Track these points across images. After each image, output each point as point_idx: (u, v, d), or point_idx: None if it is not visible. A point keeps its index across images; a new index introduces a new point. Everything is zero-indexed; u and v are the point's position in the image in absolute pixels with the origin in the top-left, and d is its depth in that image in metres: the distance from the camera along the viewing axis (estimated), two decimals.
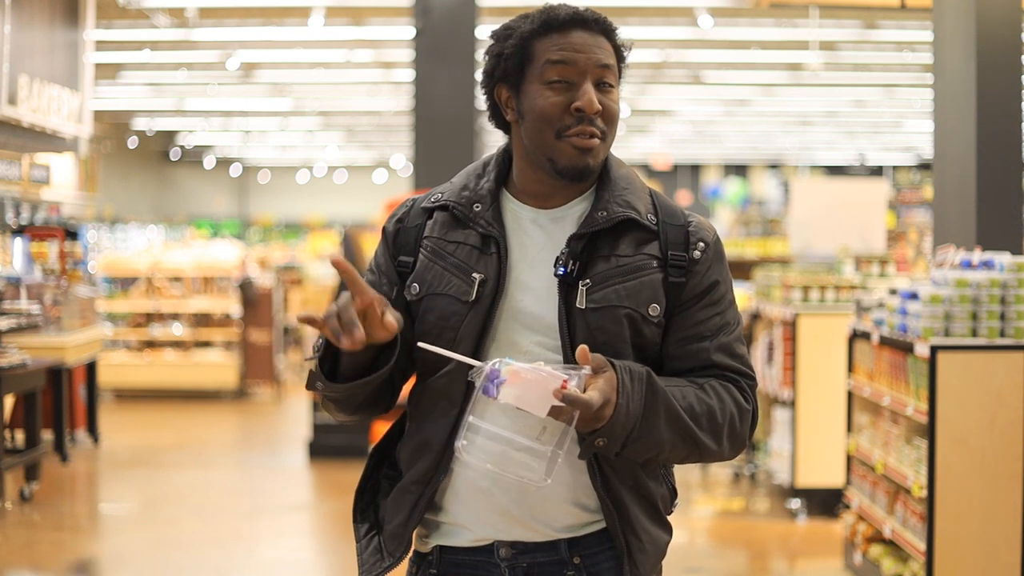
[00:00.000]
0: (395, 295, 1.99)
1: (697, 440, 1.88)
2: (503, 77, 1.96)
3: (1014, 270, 4.70)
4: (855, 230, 8.80)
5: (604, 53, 1.92)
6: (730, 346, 1.96)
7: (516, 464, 1.84)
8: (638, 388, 1.81)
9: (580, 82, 1.90)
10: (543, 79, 1.90)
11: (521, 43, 1.93)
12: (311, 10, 10.76)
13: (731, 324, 1.97)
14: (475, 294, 1.91)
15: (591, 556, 1.94)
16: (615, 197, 1.95)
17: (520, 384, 1.73)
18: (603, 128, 1.92)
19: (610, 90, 1.93)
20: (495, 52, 1.96)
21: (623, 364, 1.82)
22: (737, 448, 1.95)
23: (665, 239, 1.95)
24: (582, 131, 1.89)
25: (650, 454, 1.87)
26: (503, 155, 2.03)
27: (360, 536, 2.05)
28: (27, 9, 8.60)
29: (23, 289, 8.81)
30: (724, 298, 1.98)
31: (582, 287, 1.89)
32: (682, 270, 1.93)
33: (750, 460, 7.88)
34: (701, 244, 1.96)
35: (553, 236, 1.95)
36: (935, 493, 4.52)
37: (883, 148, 25.68)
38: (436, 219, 2.00)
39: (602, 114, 1.91)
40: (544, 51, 1.91)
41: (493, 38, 1.98)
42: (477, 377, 1.79)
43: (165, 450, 9.43)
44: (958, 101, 6.20)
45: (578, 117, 1.89)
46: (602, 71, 1.91)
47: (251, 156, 28.16)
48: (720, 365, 1.94)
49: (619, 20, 8.78)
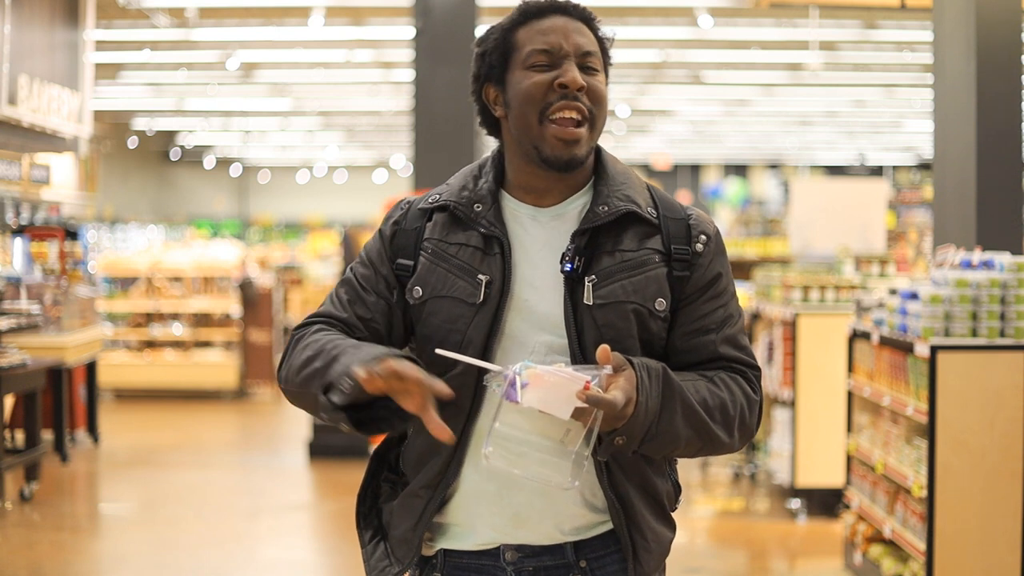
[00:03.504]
0: (395, 298, 1.98)
1: (711, 434, 1.88)
2: (488, 74, 1.96)
3: (1014, 270, 4.70)
4: (855, 230, 8.80)
5: (585, 39, 1.92)
6: (735, 338, 1.97)
7: (543, 468, 1.83)
8: (656, 385, 1.81)
9: (562, 62, 1.90)
10: (526, 64, 1.91)
11: (502, 35, 1.94)
12: (311, 10, 10.76)
13: (734, 316, 1.98)
14: (482, 296, 1.90)
15: (597, 559, 1.94)
16: (614, 192, 1.94)
17: (543, 387, 1.72)
18: (589, 106, 1.90)
19: (595, 73, 1.92)
20: (479, 53, 1.97)
21: (640, 361, 1.81)
22: (746, 438, 1.96)
23: (667, 233, 1.95)
24: (567, 106, 1.88)
25: (666, 450, 1.87)
26: (498, 156, 2.02)
27: (365, 542, 2.04)
28: (27, 9, 8.60)
29: (23, 289, 8.81)
30: (727, 290, 1.98)
31: (588, 283, 1.88)
32: (686, 264, 1.93)
33: (750, 460, 7.88)
34: (703, 237, 1.96)
35: (554, 233, 1.94)
36: (935, 493, 4.52)
37: (883, 148, 25.69)
38: (436, 220, 1.98)
39: (588, 92, 1.90)
40: (526, 39, 1.92)
41: (477, 43, 1.99)
42: (494, 382, 1.78)
43: (165, 450, 9.43)
44: (958, 101, 6.20)
45: (562, 93, 1.88)
46: (584, 57, 1.91)
47: (251, 156, 28.16)
48: (727, 357, 1.95)
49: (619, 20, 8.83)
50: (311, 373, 1.86)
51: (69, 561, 6.21)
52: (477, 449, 1.89)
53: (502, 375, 1.76)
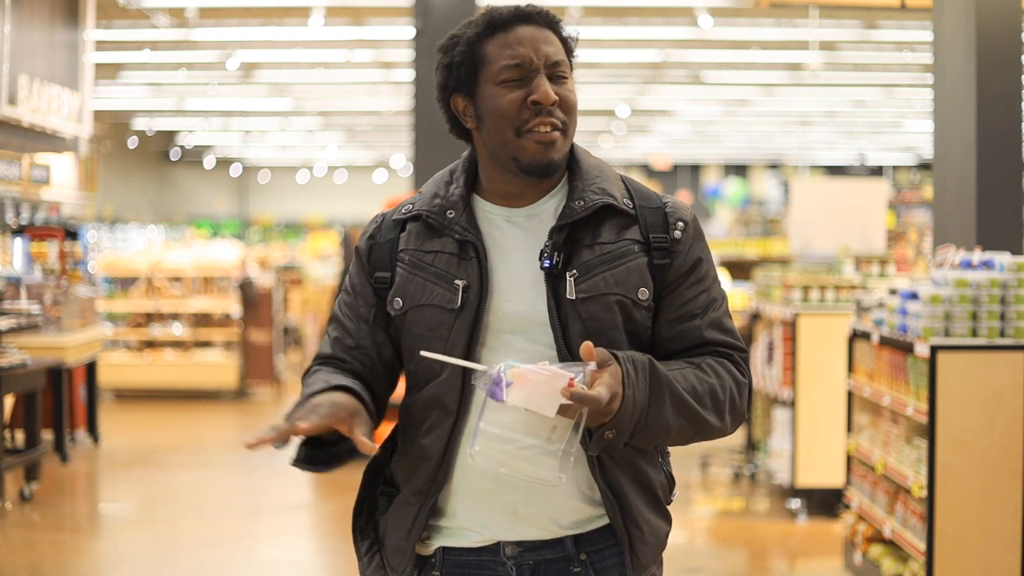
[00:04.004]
0: (373, 316, 2.00)
1: (702, 420, 1.89)
2: (457, 86, 1.95)
3: (1014, 270, 4.70)
4: (855, 230, 8.80)
5: (553, 48, 1.92)
6: (720, 321, 1.98)
7: (529, 466, 1.84)
8: (642, 377, 1.82)
9: (533, 76, 1.90)
10: (497, 79, 1.91)
11: (469, 48, 1.93)
12: (311, 10, 10.76)
13: (718, 299, 1.99)
14: (460, 301, 1.91)
15: (597, 552, 1.96)
16: (589, 186, 1.95)
17: (527, 386, 1.73)
18: (562, 118, 1.92)
19: (564, 81, 1.93)
20: (445, 63, 1.96)
21: (625, 355, 1.82)
22: (737, 422, 1.97)
23: (644, 223, 1.96)
24: (541, 123, 1.89)
25: (658, 440, 1.88)
26: (468, 161, 2.03)
27: (361, 554, 2.06)
28: (27, 9, 8.60)
29: (23, 289, 8.81)
30: (708, 275, 1.99)
31: (570, 278, 1.89)
32: (665, 251, 1.94)
33: (750, 460, 7.88)
34: (681, 224, 1.97)
35: (530, 232, 1.95)
36: (935, 493, 4.52)
37: (883, 148, 25.70)
38: (410, 230, 2.00)
39: (560, 104, 1.91)
40: (493, 53, 1.91)
41: (440, 51, 1.97)
42: (481, 382, 1.79)
43: (165, 450, 9.43)
44: (958, 101, 6.19)
45: (536, 110, 1.89)
46: (554, 67, 1.92)
47: (251, 156, 28.17)
48: (713, 341, 1.96)
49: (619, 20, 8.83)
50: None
51: (69, 561, 6.21)
52: (466, 449, 1.90)
53: (487, 375, 1.77)
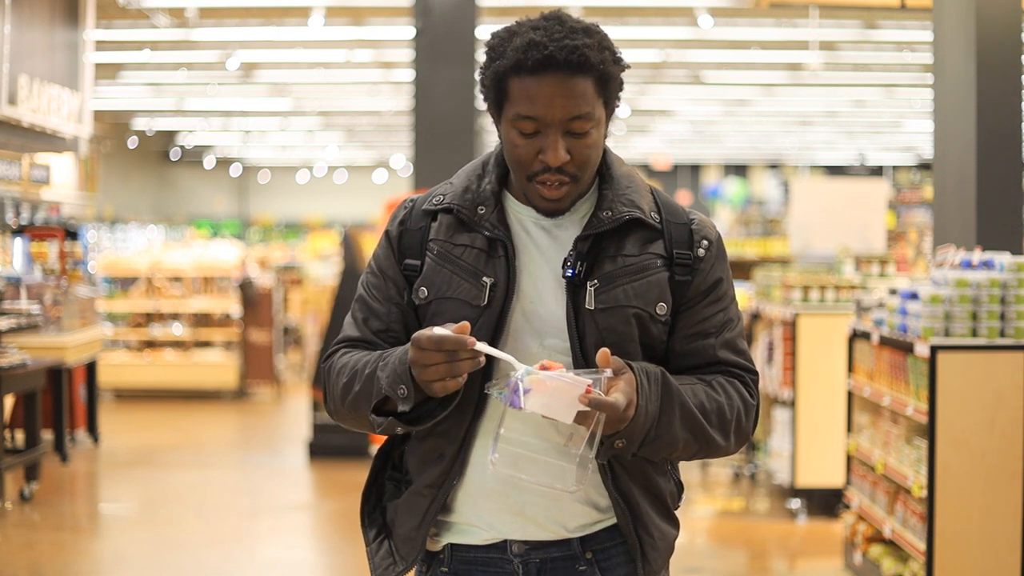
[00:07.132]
0: (406, 300, 2.00)
1: (708, 437, 1.91)
2: (486, 96, 1.95)
3: (1014, 270, 4.70)
4: (855, 230, 8.80)
5: (574, 101, 1.85)
6: (734, 342, 1.99)
7: (547, 473, 1.86)
8: (655, 389, 1.83)
9: (548, 131, 1.87)
10: (513, 123, 1.89)
11: (496, 78, 1.89)
12: (311, 10, 10.76)
13: (734, 320, 2.00)
14: (487, 298, 1.91)
15: (603, 552, 1.97)
16: (619, 196, 1.95)
17: (545, 393, 1.74)
18: (573, 172, 1.90)
19: (582, 136, 1.88)
20: (483, 66, 1.92)
21: (640, 365, 1.84)
22: (741, 442, 1.98)
23: (669, 238, 1.96)
24: (549, 179, 1.89)
25: (664, 453, 1.89)
26: (502, 155, 2.02)
27: (369, 540, 2.06)
28: (27, 9, 8.59)
29: (23, 289, 8.81)
30: (727, 295, 2.00)
31: (590, 288, 1.90)
32: (688, 268, 1.95)
33: (750, 460, 7.88)
34: (705, 242, 1.98)
35: (557, 238, 1.96)
36: (935, 493, 4.52)
37: (883, 148, 25.69)
38: (441, 221, 1.99)
39: (572, 160, 1.89)
40: (515, 94, 1.87)
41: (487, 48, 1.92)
42: (495, 390, 1.81)
43: (165, 450, 9.43)
44: (958, 101, 6.19)
45: (545, 166, 1.89)
46: (571, 122, 1.87)
47: (251, 156, 28.16)
48: (725, 361, 1.97)
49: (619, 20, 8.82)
50: (355, 398, 1.93)
51: (69, 561, 6.22)
52: (481, 449, 1.93)
53: (504, 382, 1.78)
